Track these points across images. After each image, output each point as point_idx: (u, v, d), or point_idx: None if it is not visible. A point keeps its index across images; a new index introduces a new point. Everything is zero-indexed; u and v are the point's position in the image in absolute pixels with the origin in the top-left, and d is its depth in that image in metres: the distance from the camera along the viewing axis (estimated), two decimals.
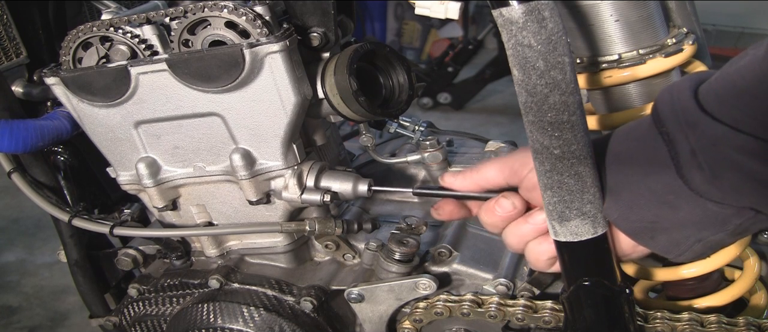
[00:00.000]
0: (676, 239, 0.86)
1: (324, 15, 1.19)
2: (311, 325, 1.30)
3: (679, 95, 0.80)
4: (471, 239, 1.33)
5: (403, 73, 1.26)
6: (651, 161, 0.83)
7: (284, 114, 1.15)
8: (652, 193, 0.84)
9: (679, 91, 0.81)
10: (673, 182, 0.81)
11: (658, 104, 0.83)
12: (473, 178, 1.03)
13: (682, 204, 0.81)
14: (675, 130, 0.79)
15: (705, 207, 0.80)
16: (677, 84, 0.82)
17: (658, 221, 0.85)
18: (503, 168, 1.00)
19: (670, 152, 0.80)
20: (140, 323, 1.46)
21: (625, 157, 0.87)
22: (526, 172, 0.97)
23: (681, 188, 0.80)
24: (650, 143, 0.83)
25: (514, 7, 0.78)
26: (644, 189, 0.84)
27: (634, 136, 0.87)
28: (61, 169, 1.47)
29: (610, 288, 0.95)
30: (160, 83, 1.15)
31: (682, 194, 0.81)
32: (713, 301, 1.14)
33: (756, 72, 0.71)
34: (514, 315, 1.17)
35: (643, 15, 1.02)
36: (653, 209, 0.84)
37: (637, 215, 0.86)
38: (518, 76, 0.82)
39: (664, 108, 0.82)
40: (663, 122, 0.81)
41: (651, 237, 0.88)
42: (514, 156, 0.99)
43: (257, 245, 1.37)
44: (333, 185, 1.23)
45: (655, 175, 0.83)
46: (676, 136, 0.79)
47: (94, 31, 1.14)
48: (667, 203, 0.82)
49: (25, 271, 3.29)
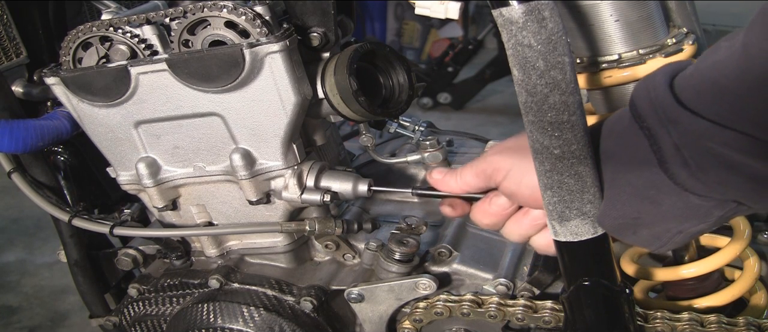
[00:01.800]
0: (658, 232, 0.85)
1: (324, 15, 1.19)
2: (311, 325, 1.30)
3: (656, 90, 0.79)
4: (471, 239, 1.33)
5: (403, 73, 1.26)
6: (632, 156, 0.83)
7: (284, 114, 1.15)
8: (634, 188, 0.83)
9: (655, 86, 0.80)
10: (655, 177, 0.80)
11: (636, 99, 0.82)
12: (457, 183, 1.03)
13: (664, 199, 0.81)
14: (656, 125, 0.79)
15: (687, 201, 0.80)
16: (651, 78, 0.81)
17: (640, 217, 0.85)
18: (479, 174, 0.99)
19: (652, 146, 0.79)
20: (140, 323, 1.46)
21: (607, 153, 0.87)
22: (501, 178, 0.96)
23: (664, 182, 0.80)
24: (631, 139, 0.82)
25: (514, 7, 0.78)
26: (626, 185, 0.84)
27: (616, 131, 0.86)
28: (61, 169, 1.47)
29: (610, 288, 0.95)
30: (160, 83, 1.15)
31: (664, 189, 0.80)
32: (713, 301, 1.14)
33: (734, 69, 0.71)
34: (514, 315, 1.17)
35: (643, 15, 1.01)
36: (635, 204, 0.84)
37: (619, 212, 0.86)
38: (518, 76, 0.82)
39: (642, 104, 0.81)
40: (643, 118, 0.80)
41: (633, 233, 0.87)
42: (487, 161, 0.98)
43: (257, 245, 1.37)
44: (333, 185, 1.23)
45: (637, 171, 0.82)
46: (658, 131, 0.78)
47: (94, 31, 1.14)
48: (649, 198, 0.82)
49: (25, 271, 3.29)
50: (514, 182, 0.95)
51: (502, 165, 0.96)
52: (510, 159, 0.95)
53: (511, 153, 0.96)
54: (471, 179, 1.01)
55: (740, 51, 0.70)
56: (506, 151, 0.97)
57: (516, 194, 0.96)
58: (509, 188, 0.96)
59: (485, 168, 0.98)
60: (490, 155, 0.98)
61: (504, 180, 0.96)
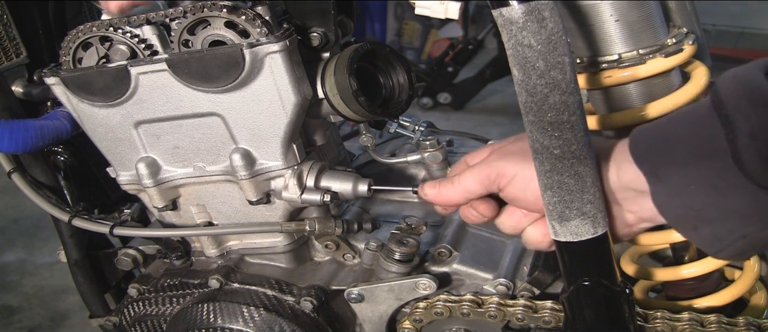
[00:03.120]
0: (720, 232, 0.83)
1: (324, 15, 1.19)
2: (311, 325, 1.30)
3: (747, 76, 0.77)
4: (471, 239, 1.33)
5: (403, 73, 1.26)
6: (705, 143, 0.80)
7: (284, 114, 1.15)
8: (702, 177, 0.80)
9: (747, 72, 0.78)
10: (726, 166, 0.77)
11: (720, 86, 0.80)
12: (457, 191, 1.02)
13: (731, 191, 0.78)
14: (735, 111, 0.76)
15: (755, 196, 0.77)
16: (742, 68, 0.79)
17: (703, 210, 0.82)
18: (482, 179, 0.98)
19: (728, 135, 0.77)
20: (140, 323, 1.46)
21: (677, 139, 0.84)
22: (505, 183, 0.96)
23: (734, 172, 0.77)
24: (706, 126, 0.80)
25: (514, 7, 0.78)
26: (694, 173, 0.81)
27: (690, 119, 0.84)
28: (61, 169, 1.47)
29: (610, 288, 0.95)
30: (160, 83, 1.15)
31: (732, 180, 0.77)
32: (713, 301, 1.15)
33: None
34: (514, 315, 1.17)
35: (643, 15, 1.02)
36: (701, 195, 0.81)
37: (683, 201, 0.83)
38: (518, 76, 0.82)
39: (726, 89, 0.79)
40: (723, 104, 0.78)
41: (694, 228, 0.85)
42: (491, 166, 0.98)
43: (257, 245, 1.37)
44: (333, 185, 1.23)
45: (708, 158, 0.79)
46: (736, 117, 0.76)
47: (94, 31, 1.14)
48: (717, 188, 0.79)
49: (26, 271, 3.29)
50: (519, 188, 0.95)
51: (507, 171, 0.95)
52: (515, 165, 0.95)
53: (516, 158, 0.95)
54: (474, 185, 1.00)
55: None
56: (510, 156, 0.97)
57: (519, 199, 0.96)
58: (512, 193, 0.96)
59: (489, 174, 0.97)
60: (493, 160, 0.98)
61: (508, 186, 0.96)
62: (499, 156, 0.98)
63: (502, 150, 1.00)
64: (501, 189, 0.97)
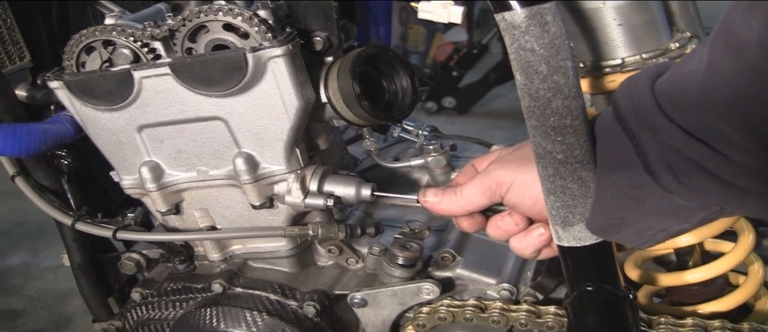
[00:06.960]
0: (641, 230, 0.85)
1: (327, 19, 1.19)
2: (314, 330, 1.29)
3: (638, 93, 0.79)
4: (474, 244, 1.33)
5: (407, 78, 1.26)
6: (617, 157, 0.82)
7: (287, 118, 1.15)
8: (618, 189, 0.83)
9: (638, 87, 0.79)
10: (640, 177, 0.79)
11: (619, 100, 0.82)
12: (460, 204, 1.02)
13: (648, 198, 0.81)
14: (638, 128, 0.78)
15: (671, 201, 0.80)
16: (635, 79, 0.81)
17: (624, 217, 0.84)
18: (484, 191, 0.99)
19: (636, 149, 0.79)
20: (143, 327, 1.46)
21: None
22: (505, 191, 0.96)
23: (648, 183, 0.79)
24: (615, 139, 0.82)
25: (516, 12, 0.78)
26: (610, 186, 0.84)
27: (600, 130, 0.85)
28: (64, 173, 1.47)
29: (613, 293, 0.94)
30: (163, 87, 1.15)
31: (648, 190, 0.80)
32: (717, 306, 1.14)
33: (701, 84, 0.70)
34: (517, 321, 1.17)
35: (646, 19, 1.01)
36: (620, 205, 0.83)
37: (603, 213, 0.86)
38: (521, 81, 0.82)
39: (625, 104, 0.80)
40: (625, 119, 0.80)
41: (617, 232, 0.87)
42: (490, 177, 0.98)
43: (260, 249, 1.37)
44: (336, 190, 1.23)
45: (622, 171, 0.81)
46: (641, 134, 0.78)
47: (97, 35, 1.14)
48: (634, 197, 0.82)
49: (30, 274, 3.29)
50: (518, 194, 0.95)
51: (505, 179, 0.96)
52: (512, 172, 0.96)
53: (514, 165, 0.96)
54: (476, 197, 1.00)
55: (706, 67, 0.70)
56: (507, 164, 0.97)
57: (519, 205, 0.96)
58: (513, 200, 0.96)
59: (489, 184, 0.98)
60: (492, 171, 0.98)
61: (508, 193, 0.96)
62: (498, 165, 0.99)
63: (502, 159, 1.00)
64: (502, 197, 0.98)
